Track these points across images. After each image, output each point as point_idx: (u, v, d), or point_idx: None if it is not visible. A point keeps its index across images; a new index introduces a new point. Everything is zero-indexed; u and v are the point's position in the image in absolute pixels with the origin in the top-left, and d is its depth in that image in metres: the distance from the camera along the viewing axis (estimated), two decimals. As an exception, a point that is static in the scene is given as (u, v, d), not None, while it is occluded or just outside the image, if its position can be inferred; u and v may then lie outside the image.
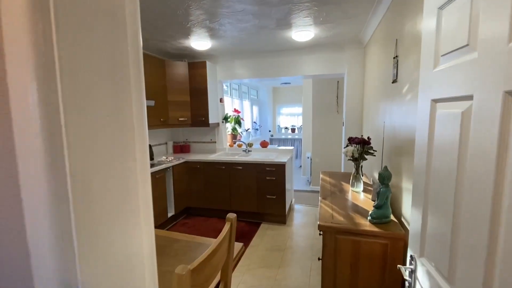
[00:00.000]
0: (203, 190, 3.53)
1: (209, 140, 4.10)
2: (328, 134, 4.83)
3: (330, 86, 4.73)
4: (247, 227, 3.24)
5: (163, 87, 3.45)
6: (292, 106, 7.70)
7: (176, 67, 3.56)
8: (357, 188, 2.05)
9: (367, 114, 2.99)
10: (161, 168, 3.03)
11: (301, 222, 3.39)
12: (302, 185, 5.35)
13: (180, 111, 3.64)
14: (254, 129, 6.80)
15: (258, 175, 3.28)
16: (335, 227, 1.44)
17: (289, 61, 3.58)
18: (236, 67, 3.81)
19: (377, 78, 2.42)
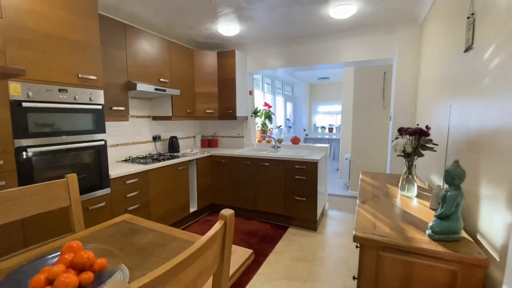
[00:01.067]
0: (227, 186, 3.31)
1: (237, 134, 3.87)
2: (370, 133, 4.27)
3: (375, 78, 4.17)
4: (272, 230, 2.92)
5: (190, 77, 3.32)
6: (331, 103, 7.15)
7: (205, 57, 3.41)
8: (409, 192, 1.59)
9: (422, 104, 2.45)
10: (184, 160, 2.88)
11: (335, 230, 2.95)
12: (339, 190, 4.83)
13: (207, 103, 3.48)
14: (287, 127, 6.44)
15: (286, 173, 2.94)
16: (378, 240, 1.05)
17: (327, 46, 3.17)
18: (268, 56, 3.53)
19: (439, 55, 1.92)
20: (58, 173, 1.76)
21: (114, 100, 2.35)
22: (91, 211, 1.96)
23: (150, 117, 3.17)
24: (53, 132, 1.72)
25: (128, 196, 2.25)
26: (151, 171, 2.48)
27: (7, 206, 1.07)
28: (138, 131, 3.01)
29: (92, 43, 1.94)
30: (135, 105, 2.96)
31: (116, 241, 1.18)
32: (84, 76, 1.87)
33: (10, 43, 1.48)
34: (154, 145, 3.21)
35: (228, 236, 0.77)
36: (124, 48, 2.43)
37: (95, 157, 1.99)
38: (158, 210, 2.58)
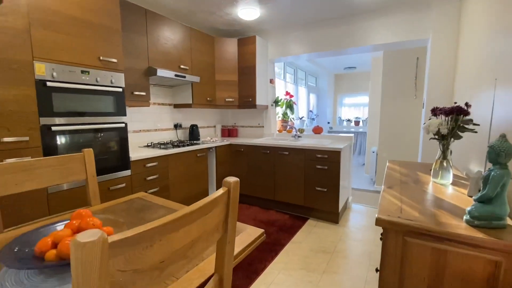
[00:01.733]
0: (246, 175, 3.27)
1: (257, 124, 3.81)
2: (400, 124, 3.98)
3: (407, 64, 3.87)
4: (291, 221, 2.83)
5: (211, 65, 3.30)
6: (357, 95, 6.81)
7: (225, 44, 3.37)
8: (443, 180, 1.42)
9: (460, 88, 2.20)
10: (203, 147, 2.88)
11: (358, 224, 2.79)
12: (365, 185, 4.60)
13: (227, 91, 3.45)
14: (310, 119, 6.24)
15: (306, 162, 2.82)
16: (405, 224, 0.93)
17: (354, 29, 2.98)
18: (289, 42, 3.40)
19: (483, 34, 1.69)
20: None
21: (135, 85, 2.39)
22: (111, 191, 2.02)
23: (172, 105, 3.21)
24: (76, 112, 1.78)
25: (148, 179, 2.29)
26: (171, 156, 2.50)
27: (27, 175, 1.11)
28: (160, 118, 3.06)
29: (113, 26, 1.97)
30: (157, 93, 3.00)
31: (128, 215, 1.17)
32: (105, 58, 1.91)
33: (35, 24, 1.54)
34: (175, 133, 3.26)
35: (233, 205, 0.71)
36: (145, 34, 2.46)
37: (116, 139, 2.04)
38: (177, 194, 2.60)
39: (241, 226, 1.08)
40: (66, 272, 0.73)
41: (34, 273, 0.73)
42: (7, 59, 1.44)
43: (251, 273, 1.92)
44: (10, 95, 1.46)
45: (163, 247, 0.49)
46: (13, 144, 1.48)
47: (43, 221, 1.12)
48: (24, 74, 1.51)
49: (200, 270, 0.78)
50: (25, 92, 1.52)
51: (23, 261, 0.72)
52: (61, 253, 0.73)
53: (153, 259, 0.48)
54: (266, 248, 2.26)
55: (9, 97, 1.46)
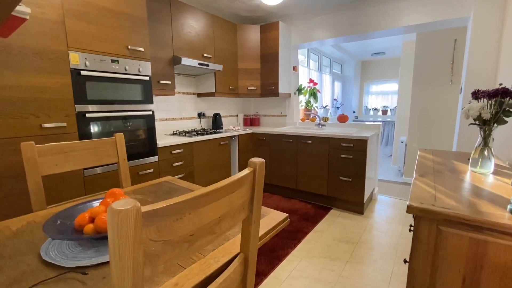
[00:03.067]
0: (268, 164, 3.27)
1: (279, 113, 3.77)
2: (432, 112, 3.74)
3: (443, 47, 3.58)
4: (314, 210, 2.80)
5: (233, 53, 3.29)
6: (385, 82, 6.46)
7: (248, 32, 3.33)
8: (483, 169, 1.31)
9: (505, 71, 1.99)
10: (226, 136, 2.91)
11: (384, 215, 2.69)
12: (392, 176, 4.41)
13: (249, 79, 3.43)
14: (334, 107, 6.05)
15: (330, 151, 2.75)
16: (440, 212, 0.87)
17: (384, 9, 2.79)
18: (314, 27, 3.28)
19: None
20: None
21: (161, 73, 2.45)
22: (141, 175, 2.11)
23: (195, 94, 3.26)
24: (107, 100, 1.86)
25: (174, 165, 2.37)
26: (195, 143, 2.56)
27: (65, 157, 1.19)
28: (184, 107, 3.13)
29: (139, 16, 2.01)
30: (181, 82, 3.06)
31: (156, 196, 1.22)
32: (133, 47, 1.97)
33: (68, 15, 1.61)
34: (199, 121, 3.32)
35: (258, 186, 0.71)
36: (170, 23, 2.49)
37: (144, 126, 2.12)
38: (201, 180, 2.67)
39: (265, 210, 1.08)
40: (103, 245, 0.78)
41: (74, 244, 0.78)
42: (46, 49, 1.53)
43: (274, 259, 1.94)
44: (49, 84, 1.56)
45: (192, 220, 0.50)
46: (53, 130, 1.60)
47: (81, 200, 1.20)
48: (60, 63, 1.60)
49: (226, 248, 0.80)
50: (62, 80, 1.61)
51: (65, 233, 0.78)
52: (98, 227, 0.78)
53: (183, 231, 0.49)
54: (289, 235, 2.27)
55: (49, 85, 1.56)
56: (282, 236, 2.25)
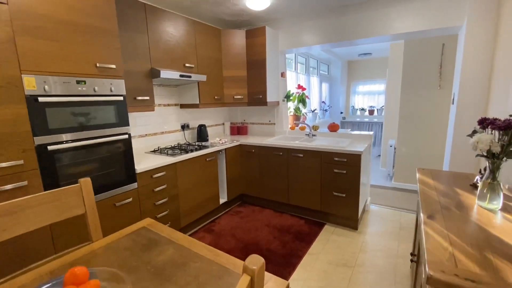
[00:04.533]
0: (258, 177, 3.12)
1: (267, 121, 3.61)
2: (422, 117, 3.70)
3: (431, 51, 3.53)
4: (307, 227, 2.69)
5: (218, 61, 3.08)
6: (372, 82, 6.43)
7: (233, 37, 3.12)
8: (492, 204, 1.22)
9: (500, 81, 1.93)
10: (212, 151, 2.72)
11: (378, 229, 2.62)
12: (381, 180, 4.39)
13: (235, 87, 3.23)
14: (323, 110, 5.96)
15: (323, 166, 2.63)
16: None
17: (375, 16, 2.67)
18: (302, 32, 3.12)
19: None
20: (82, 169, 1.69)
21: (138, 89, 2.22)
22: (118, 207, 1.90)
23: (178, 105, 3.03)
24: (74, 127, 1.63)
25: (156, 190, 2.17)
26: (179, 163, 2.36)
27: (15, 219, 0.98)
28: (166, 120, 2.90)
29: (109, 28, 1.77)
30: (162, 93, 2.83)
31: (133, 255, 1.04)
32: (102, 65, 1.73)
33: (20, 32, 1.36)
34: (182, 134, 3.10)
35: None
36: (146, 32, 2.25)
37: (119, 152, 1.90)
38: (187, 203, 2.48)
39: (267, 277, 0.92)
40: None
41: None
42: (-8, 75, 1.28)
43: (268, 293, 1.80)
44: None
45: None
46: (6, 170, 1.36)
47: (41, 265, 1.00)
48: (13, 90, 1.36)
49: None
50: (15, 110, 1.37)
51: None
52: None
53: None
54: (283, 261, 2.14)
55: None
56: (276, 263, 2.12)
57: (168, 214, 2.30)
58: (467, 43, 2.24)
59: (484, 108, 2.25)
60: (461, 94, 2.33)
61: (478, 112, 2.27)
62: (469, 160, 2.36)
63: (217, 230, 2.66)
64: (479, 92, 2.25)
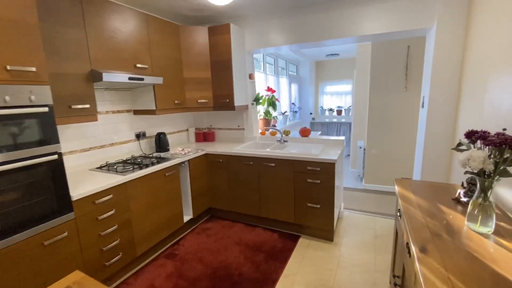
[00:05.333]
0: (227, 189, 2.84)
1: (236, 126, 3.34)
2: (390, 119, 3.72)
3: (397, 53, 3.54)
4: (281, 241, 2.48)
5: (177, 61, 2.73)
6: (339, 83, 6.48)
7: (194, 34, 2.80)
8: (484, 227, 1.10)
9: (471, 83, 1.89)
10: (173, 164, 2.39)
11: (354, 239, 2.51)
12: (352, 182, 4.38)
13: (199, 90, 2.92)
14: (293, 112, 5.85)
15: (296, 175, 2.45)
16: None
17: (344, 16, 2.54)
18: (270, 31, 2.90)
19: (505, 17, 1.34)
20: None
21: (74, 96, 1.81)
22: (48, 247, 1.51)
23: (131, 111, 2.64)
24: (-27, 151, 1.22)
25: (101, 218, 1.79)
26: (131, 183, 2.00)
27: None
28: (116, 130, 2.50)
29: (26, 20, 1.37)
30: (110, 98, 2.42)
31: None
32: (15, 68, 1.33)
33: None
34: (138, 144, 2.71)
35: None
36: (83, 26, 1.85)
37: (46, 176, 1.50)
38: (143, 227, 2.13)
39: None
40: None
41: None
42: None
43: (240, 333, 1.55)
44: None
45: None
46: None
47: None
48: None
49: None
50: None
51: None
52: None
53: None
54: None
55: None
56: (248, 291, 1.88)
57: (119, 244, 1.93)
58: (437, 45, 2.20)
59: (454, 113, 2.22)
60: (433, 96, 2.28)
61: (449, 116, 2.24)
62: (441, 165, 2.33)
63: (181, 253, 2.34)
64: (450, 96, 2.21)
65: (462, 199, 1.37)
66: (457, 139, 2.12)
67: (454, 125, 2.22)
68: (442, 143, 2.30)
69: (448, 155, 2.29)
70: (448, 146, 2.28)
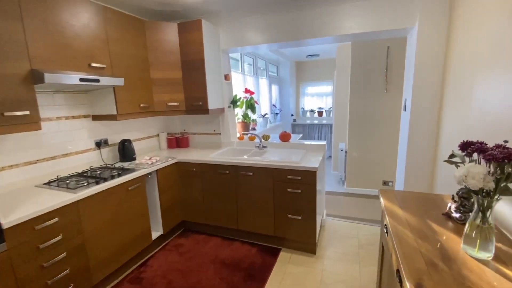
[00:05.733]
0: (201, 201, 2.61)
1: (212, 131, 3.11)
2: (371, 121, 3.65)
3: (377, 54, 3.47)
4: (260, 257, 2.29)
5: (143, 60, 2.46)
6: (320, 84, 6.42)
7: (162, 31, 2.54)
8: (483, 252, 0.96)
9: (454, 84, 1.79)
10: (137, 176, 2.12)
11: (337, 251, 2.37)
12: (334, 185, 4.28)
13: (169, 93, 2.66)
14: (273, 114, 5.69)
15: (276, 185, 2.27)
16: None
17: (325, 14, 2.39)
18: (245, 29, 2.70)
19: (489, 18, 1.23)
20: None
21: (8, 101, 1.51)
22: (-35, 289, 1.21)
23: (89, 117, 2.33)
24: None
25: (43, 246, 1.50)
26: (85, 201, 1.72)
27: None
28: (71, 138, 2.19)
29: None
30: (63, 102, 2.11)
31: None
32: None
33: None
34: (98, 154, 2.41)
35: None
36: (19, 17, 1.55)
37: (-37, 202, 1.20)
38: (101, 251, 1.85)
39: None
40: None
41: None
42: None
43: None
44: None
45: None
46: None
47: None
48: None
49: None
50: None
51: None
52: None
53: None
54: (231, 316, 1.69)
55: None
56: (222, 320, 1.66)
57: (69, 273, 1.65)
58: (419, 46, 2.10)
59: (437, 116, 2.13)
60: (415, 99, 2.18)
61: (433, 121, 2.15)
62: (425, 171, 2.24)
63: (148, 276, 2.08)
64: (433, 99, 2.12)
65: (454, 215, 1.25)
66: (442, 145, 2.03)
67: (438, 130, 2.13)
68: (425, 148, 2.21)
69: (432, 160, 2.20)
70: (432, 152, 2.19)
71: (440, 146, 2.06)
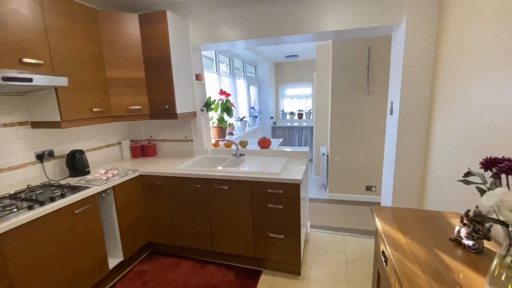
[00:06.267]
0: (170, 219, 2.27)
1: (183, 137, 2.78)
2: (353, 125, 3.50)
3: (358, 55, 3.33)
4: (238, 282, 2.00)
5: (95, 55, 2.08)
6: (299, 85, 6.26)
7: (119, 22, 2.18)
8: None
9: (446, 86, 1.63)
10: (86, 196, 1.74)
11: (323, 270, 2.14)
12: (316, 190, 4.10)
13: (130, 95, 2.30)
14: (252, 117, 5.43)
15: (255, 200, 1.99)
16: None
17: (306, 7, 2.17)
18: (219, 23, 2.41)
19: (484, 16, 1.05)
20: None
21: None
22: None
23: (28, 124, 1.92)
24: None
25: None
26: (12, 232, 1.33)
27: None
28: (2, 150, 1.77)
29: None
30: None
31: None
32: None
33: None
34: (41, 168, 1.99)
35: None
36: None
37: None
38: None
39: None
40: None
41: None
42: None
43: None
44: None
45: None
46: None
47: None
48: None
49: None
50: None
51: None
52: None
53: None
54: None
55: None
56: None
57: (-14, 331, 1.26)
58: (408, 45, 1.93)
59: (426, 120, 1.98)
60: (404, 102, 2.01)
61: (423, 124, 1.99)
62: (415, 178, 2.08)
63: (102, 318, 1.71)
64: (423, 101, 1.96)
65: (465, 242, 1.04)
66: (433, 150, 1.87)
67: (429, 135, 1.97)
68: (415, 154, 2.05)
69: (422, 167, 2.05)
70: (422, 158, 2.03)
71: (432, 153, 1.90)
